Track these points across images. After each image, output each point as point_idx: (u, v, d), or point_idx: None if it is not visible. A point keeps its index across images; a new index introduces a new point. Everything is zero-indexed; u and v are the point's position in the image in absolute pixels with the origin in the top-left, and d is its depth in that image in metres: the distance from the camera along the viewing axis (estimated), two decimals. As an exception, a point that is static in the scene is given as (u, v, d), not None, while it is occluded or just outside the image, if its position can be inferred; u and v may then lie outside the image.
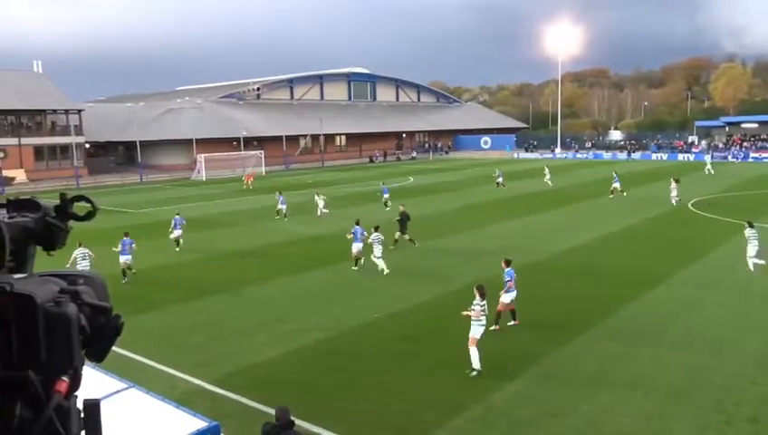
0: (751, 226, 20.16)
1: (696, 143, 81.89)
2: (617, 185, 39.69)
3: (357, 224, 22.59)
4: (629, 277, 19.51)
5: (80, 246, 19.83)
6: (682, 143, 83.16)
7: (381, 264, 21.08)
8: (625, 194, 38.93)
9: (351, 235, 22.13)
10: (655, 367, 12.61)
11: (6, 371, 1.03)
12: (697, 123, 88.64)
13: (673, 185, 35.41)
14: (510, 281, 14.89)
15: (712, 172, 53.51)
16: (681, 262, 21.32)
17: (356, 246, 21.90)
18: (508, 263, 15.27)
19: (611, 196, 38.99)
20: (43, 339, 1.05)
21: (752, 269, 19.59)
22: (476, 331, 12.51)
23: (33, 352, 1.04)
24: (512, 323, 14.93)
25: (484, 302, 12.61)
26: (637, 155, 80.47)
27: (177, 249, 25.96)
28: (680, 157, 76.35)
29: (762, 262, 19.50)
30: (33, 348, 1.04)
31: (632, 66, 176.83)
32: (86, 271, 1.31)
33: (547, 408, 10.96)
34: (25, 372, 1.04)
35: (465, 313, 12.80)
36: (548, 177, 47.70)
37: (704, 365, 12.63)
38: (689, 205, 34.89)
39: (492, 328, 14.20)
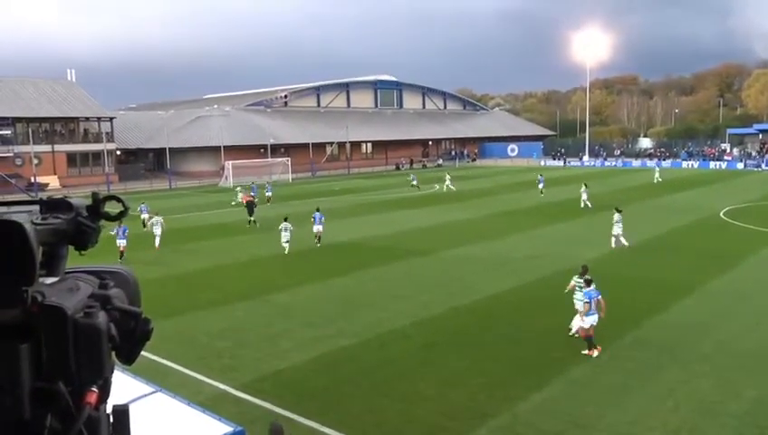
0: (618, 211, 25.44)
1: (729, 151, 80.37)
2: (541, 186, 46.50)
3: (317, 210, 28.55)
4: (659, 287, 19.18)
5: (157, 214, 28.40)
6: (714, 151, 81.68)
7: (286, 247, 26.00)
8: (542, 195, 44.69)
9: (313, 219, 27.89)
10: (685, 379, 12.35)
11: (37, 382, 1.02)
12: (730, 131, 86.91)
13: (583, 189, 38.40)
14: (588, 303, 13.61)
15: (660, 180, 54.15)
16: (712, 271, 20.90)
17: (316, 228, 27.74)
18: (588, 283, 13.97)
19: (542, 195, 44.91)
20: (73, 351, 1.04)
21: (612, 246, 25.01)
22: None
23: (63, 363, 1.04)
24: (585, 352, 13.60)
25: (585, 284, 14.03)
26: (667, 163, 79.27)
27: (145, 229, 30.91)
28: (712, 165, 74.98)
29: (624, 241, 24.97)
30: (63, 359, 1.04)
31: (662, 73, 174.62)
32: (119, 268, 1.29)
33: (574, 418, 10.80)
34: (55, 384, 1.03)
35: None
36: (448, 183, 52.01)
37: (736, 378, 12.33)
38: (721, 213, 34.25)
39: (584, 352, 13.47)
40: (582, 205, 37.71)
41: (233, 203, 43.94)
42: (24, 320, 1.03)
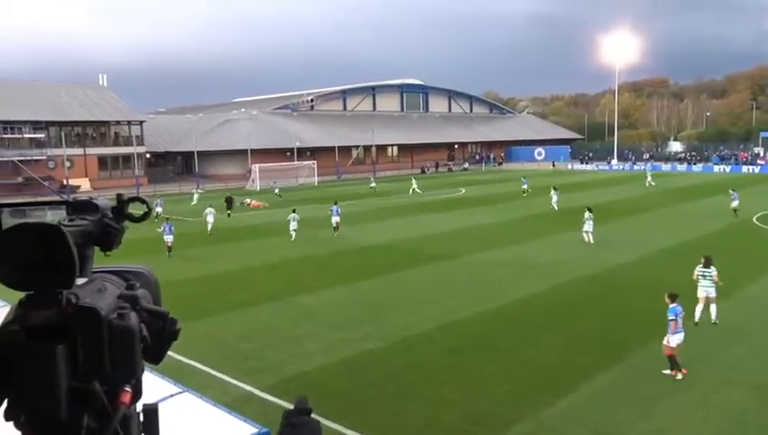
0: (590, 210, 28.11)
1: (762, 155, 78.70)
2: (525, 186, 50.81)
3: (335, 204, 32.42)
4: (688, 293, 18.77)
5: (210, 205, 33.22)
6: (746, 155, 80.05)
7: (293, 235, 30.04)
8: (525, 195, 48.42)
9: (330, 211, 31.97)
10: (716, 387, 12.09)
11: (73, 382, 1.04)
12: (763, 134, 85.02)
13: (553, 192, 40.57)
14: (674, 320, 12.60)
15: (653, 184, 54.40)
16: (744, 277, 20.42)
17: (334, 219, 31.62)
18: (673, 298, 12.96)
19: (526, 194, 48.68)
20: (107, 351, 1.06)
21: (585, 240, 27.47)
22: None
23: (98, 363, 1.06)
24: (667, 371, 12.58)
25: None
26: (698, 167, 77.91)
27: (156, 219, 32.66)
28: (744, 169, 73.48)
29: (590, 239, 27.42)
30: (98, 360, 1.06)
31: (693, 75, 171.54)
32: (141, 268, 1.31)
33: (601, 427, 10.64)
34: (91, 384, 1.05)
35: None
36: (415, 187, 53.81)
37: (769, 387, 12.05)
38: (753, 219, 33.54)
39: (665, 372, 12.54)
40: (552, 207, 39.15)
41: (192, 203, 47.34)
42: (59, 321, 1.05)
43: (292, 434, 8.11)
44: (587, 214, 28.16)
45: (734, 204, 35.38)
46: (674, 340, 12.57)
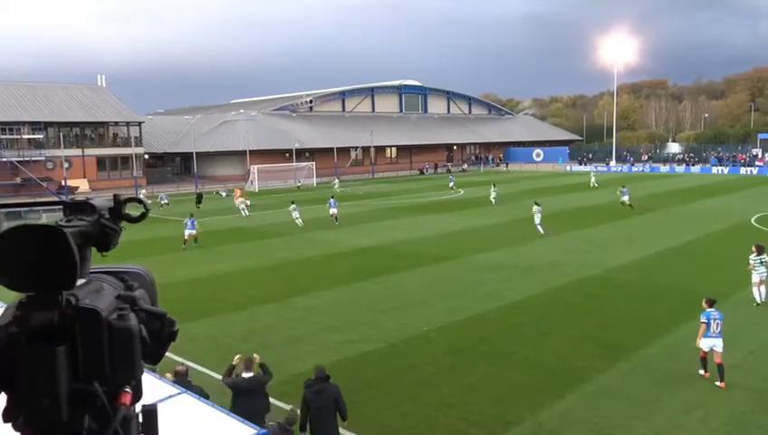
0: (537, 204, 30.76)
1: (760, 156, 78.80)
2: (452, 184, 56.68)
3: (332, 197, 36.78)
4: (688, 295, 18.80)
5: (242, 196, 37.17)
6: (744, 156, 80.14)
7: (299, 222, 33.89)
8: (453, 191, 52.97)
9: (329, 204, 35.82)
10: (714, 389, 12.08)
11: (74, 384, 1.04)
12: (761, 136, 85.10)
13: (492, 189, 44.84)
14: (704, 323, 12.50)
15: (596, 185, 55.25)
16: (743, 280, 20.40)
17: (332, 211, 35.30)
18: (711, 303, 12.87)
19: (453, 191, 53.83)
20: (108, 352, 1.06)
21: (541, 232, 29.58)
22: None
23: (99, 365, 1.06)
24: (717, 383, 12.19)
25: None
26: (696, 168, 77.97)
27: (161, 207, 36.02)
28: (742, 171, 73.54)
29: (541, 230, 29.67)
30: (99, 361, 1.06)
31: (692, 77, 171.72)
32: (138, 268, 1.31)
33: (599, 428, 10.64)
34: (91, 385, 1.05)
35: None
36: (336, 185, 59.22)
37: (767, 389, 12.04)
38: (752, 220, 33.56)
39: (700, 372, 12.58)
40: (493, 201, 43.81)
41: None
42: (59, 323, 1.05)
43: (316, 398, 9.41)
44: (534, 207, 30.48)
45: (624, 199, 39.05)
46: (703, 343, 12.52)
